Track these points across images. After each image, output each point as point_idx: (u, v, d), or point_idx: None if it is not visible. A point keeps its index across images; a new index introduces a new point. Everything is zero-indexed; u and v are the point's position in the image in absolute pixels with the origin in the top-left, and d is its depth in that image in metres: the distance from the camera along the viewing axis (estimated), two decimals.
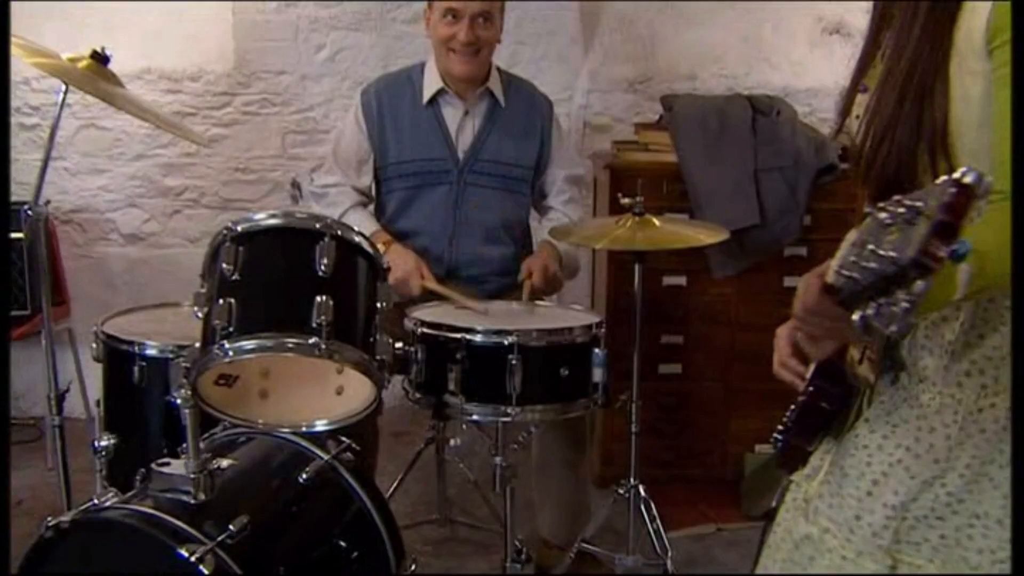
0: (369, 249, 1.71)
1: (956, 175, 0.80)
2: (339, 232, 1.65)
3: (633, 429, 2.31)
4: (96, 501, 1.80)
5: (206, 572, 1.61)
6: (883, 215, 0.84)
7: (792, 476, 1.37)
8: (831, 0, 3.52)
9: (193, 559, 1.61)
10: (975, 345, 1.15)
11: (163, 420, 2.18)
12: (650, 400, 2.75)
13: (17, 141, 3.53)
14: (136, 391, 2.18)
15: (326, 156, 2.76)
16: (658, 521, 2.40)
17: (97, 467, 2.11)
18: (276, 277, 1.66)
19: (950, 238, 0.78)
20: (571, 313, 2.19)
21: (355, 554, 2.01)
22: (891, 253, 0.81)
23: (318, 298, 1.59)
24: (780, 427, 1.30)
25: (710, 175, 2.93)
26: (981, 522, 1.17)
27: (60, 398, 2.24)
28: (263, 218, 1.68)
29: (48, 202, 2.14)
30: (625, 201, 2.23)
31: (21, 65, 3.23)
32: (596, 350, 1.99)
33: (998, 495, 1.16)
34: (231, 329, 1.59)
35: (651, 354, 2.96)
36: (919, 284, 0.80)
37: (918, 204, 0.81)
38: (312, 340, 1.57)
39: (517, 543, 2.15)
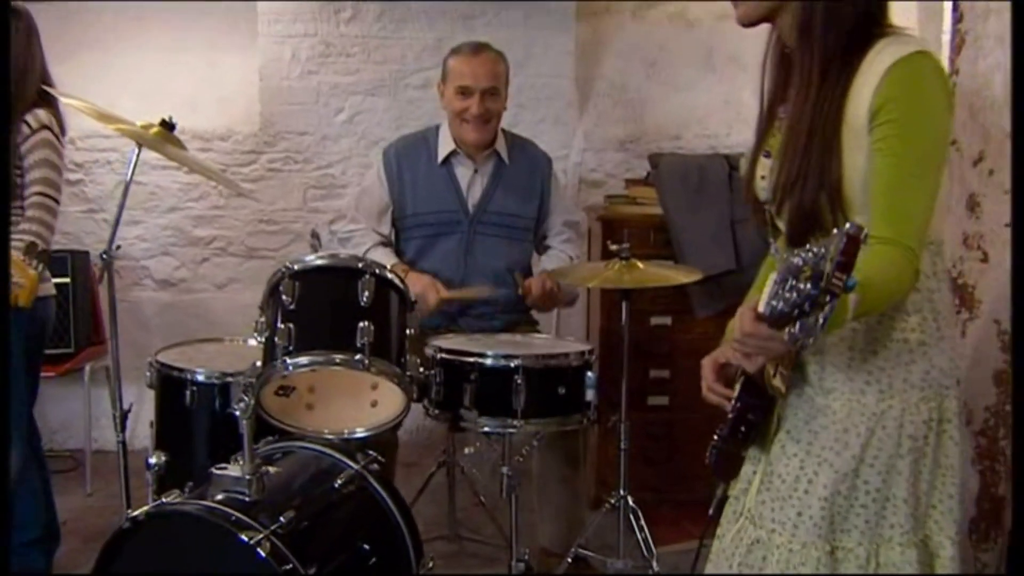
0: (400, 285, 2.14)
1: (845, 228, 1.13)
2: (377, 270, 2.08)
3: (622, 446, 2.70)
4: (164, 500, 2.19)
5: (263, 554, 2.00)
6: (796, 259, 1.18)
7: (729, 491, 1.68)
8: None
9: (252, 543, 1.99)
10: (869, 359, 1.49)
11: (209, 438, 2.56)
12: (640, 429, 3.13)
13: (62, 196, 3.95)
14: (187, 413, 2.54)
15: (347, 209, 3.19)
16: (646, 531, 2.77)
17: (149, 480, 2.51)
18: (327, 306, 2.08)
19: (848, 272, 1.14)
20: (567, 342, 2.61)
21: (381, 549, 2.39)
22: (808, 286, 1.15)
23: (361, 323, 2.01)
24: (714, 441, 1.61)
25: (691, 225, 3.36)
26: (891, 503, 1.50)
27: (124, 417, 2.62)
28: (314, 259, 2.10)
29: (119, 247, 2.56)
30: (613, 247, 2.65)
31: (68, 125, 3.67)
32: (588, 373, 2.38)
33: (902, 480, 1.49)
34: (291, 348, 2.00)
35: (640, 387, 3.36)
36: (828, 306, 1.15)
37: (822, 251, 1.15)
38: (357, 357, 1.98)
39: (522, 552, 2.53)
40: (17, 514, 2.84)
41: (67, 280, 3.67)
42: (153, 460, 2.52)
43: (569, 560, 2.72)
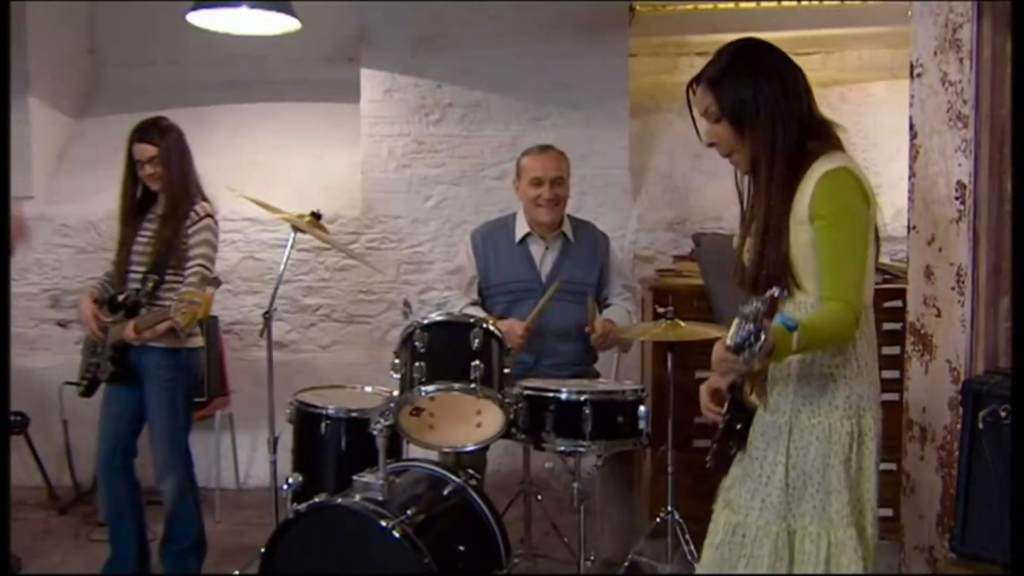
0: (499, 335, 3.02)
1: (770, 291, 1.88)
2: (484, 324, 2.96)
3: (669, 470, 3.51)
4: (317, 500, 3.03)
5: (398, 535, 2.83)
6: (746, 309, 1.91)
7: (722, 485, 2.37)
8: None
9: (390, 527, 2.83)
10: (804, 388, 2.13)
11: (337, 462, 3.38)
12: (686, 468, 3.89)
13: None
14: (321, 440, 3.39)
15: (436, 282, 4.04)
16: (691, 543, 3.55)
17: (288, 496, 3.34)
18: (448, 350, 2.97)
19: (770, 317, 1.88)
20: (625, 384, 3.45)
21: (478, 543, 3.20)
22: (750, 327, 1.89)
23: (473, 362, 2.90)
24: (712, 448, 2.23)
25: (729, 295, 4.16)
26: (833, 495, 2.10)
27: (275, 441, 3.51)
28: (437, 317, 3.00)
29: (275, 309, 3.47)
30: (660, 310, 3.50)
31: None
32: (641, 407, 3.21)
33: (837, 476, 2.09)
34: (422, 380, 2.89)
35: (686, 432, 4.12)
36: (763, 337, 1.89)
37: (758, 305, 1.90)
38: (472, 386, 2.86)
39: (589, 553, 3.32)
40: (177, 525, 3.72)
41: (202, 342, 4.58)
42: (291, 480, 3.35)
43: (626, 565, 3.50)
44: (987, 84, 2.77)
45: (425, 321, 3.00)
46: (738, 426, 2.20)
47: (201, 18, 4.20)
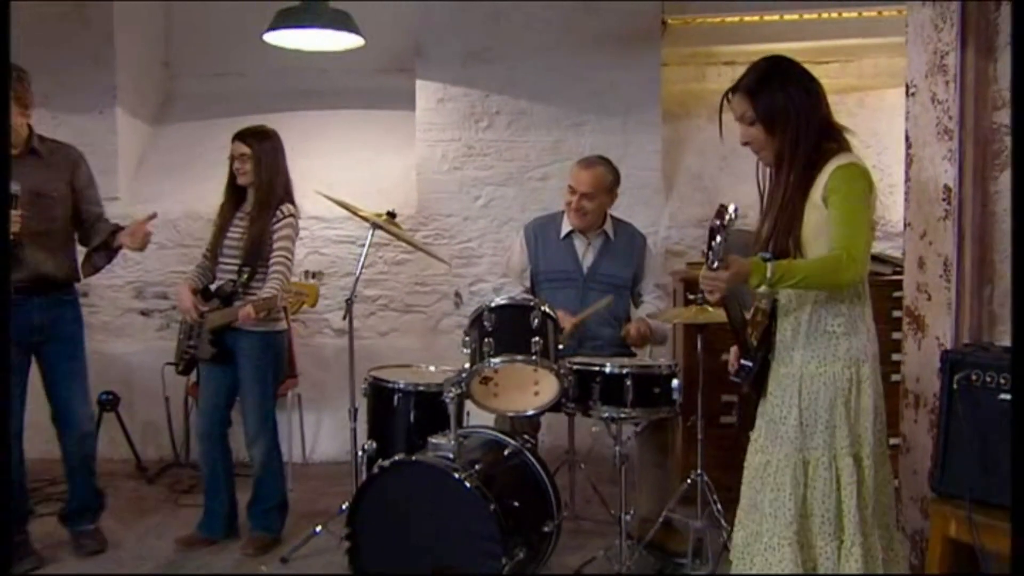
0: (554, 316, 3.66)
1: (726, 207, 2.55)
2: (542, 307, 3.61)
3: (699, 437, 4.13)
4: (398, 458, 3.67)
5: (469, 486, 3.46)
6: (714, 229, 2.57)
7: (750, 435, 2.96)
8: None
9: (462, 478, 3.46)
10: (813, 343, 2.73)
11: (406, 430, 4.02)
12: (713, 442, 4.47)
13: None
14: (393, 411, 4.03)
15: (492, 271, 4.69)
16: (718, 503, 4.16)
17: (364, 461, 3.98)
18: (512, 327, 3.61)
19: (720, 220, 2.50)
20: (660, 360, 4.08)
21: (533, 498, 3.83)
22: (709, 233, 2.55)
23: (533, 339, 3.54)
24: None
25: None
26: (838, 429, 2.66)
27: (355, 412, 4.15)
28: (502, 300, 3.65)
29: (357, 295, 4.12)
30: (691, 297, 4.12)
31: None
32: (674, 380, 3.84)
33: (840, 415, 2.65)
34: (490, 353, 3.54)
35: (714, 409, 4.73)
36: (718, 238, 2.51)
37: (717, 221, 2.53)
38: (533, 358, 3.51)
39: (629, 510, 3.95)
40: (264, 487, 4.37)
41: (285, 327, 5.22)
42: (367, 446, 4.00)
43: (661, 521, 4.12)
44: (970, 102, 3.38)
45: (492, 304, 3.65)
46: (746, 366, 2.79)
47: (276, 38, 4.87)
